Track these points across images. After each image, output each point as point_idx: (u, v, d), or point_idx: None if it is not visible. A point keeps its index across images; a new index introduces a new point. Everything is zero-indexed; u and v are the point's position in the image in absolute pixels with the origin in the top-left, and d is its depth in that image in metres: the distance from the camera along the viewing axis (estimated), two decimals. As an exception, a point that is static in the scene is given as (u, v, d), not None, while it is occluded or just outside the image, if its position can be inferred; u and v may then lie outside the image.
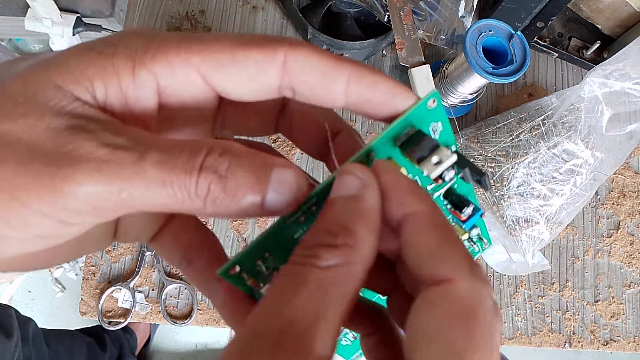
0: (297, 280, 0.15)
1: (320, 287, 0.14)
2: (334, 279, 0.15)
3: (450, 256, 0.15)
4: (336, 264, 0.15)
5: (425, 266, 0.15)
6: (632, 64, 0.47)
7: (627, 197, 0.62)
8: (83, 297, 0.55)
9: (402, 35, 0.58)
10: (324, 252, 0.15)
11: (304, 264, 0.15)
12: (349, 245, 0.15)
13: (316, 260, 0.15)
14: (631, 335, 0.59)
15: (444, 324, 0.14)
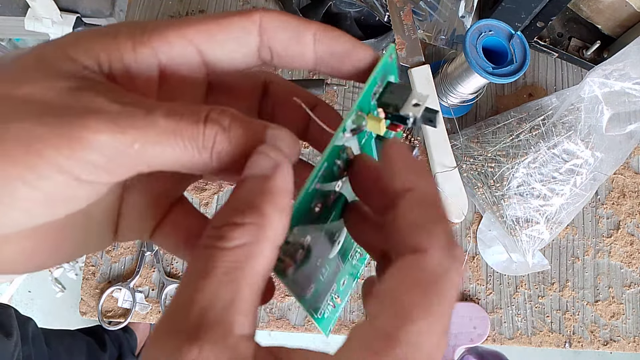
0: (205, 264, 0.15)
1: (229, 269, 0.15)
2: (242, 259, 0.15)
3: (431, 230, 0.16)
4: (243, 243, 0.15)
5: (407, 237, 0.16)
6: (632, 64, 0.47)
7: (627, 197, 0.62)
8: (83, 297, 0.55)
9: (402, 35, 0.58)
10: (230, 231, 0.15)
11: (210, 246, 0.15)
12: (255, 224, 0.15)
13: (223, 241, 0.15)
14: (631, 335, 0.59)
15: (405, 288, 0.15)
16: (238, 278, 0.15)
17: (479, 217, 0.59)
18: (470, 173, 0.57)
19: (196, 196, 0.58)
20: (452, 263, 0.15)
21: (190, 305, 0.14)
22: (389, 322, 0.15)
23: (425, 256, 0.15)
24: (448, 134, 0.57)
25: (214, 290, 0.14)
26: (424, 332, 0.14)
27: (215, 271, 0.15)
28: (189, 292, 0.15)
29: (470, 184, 0.58)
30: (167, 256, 0.56)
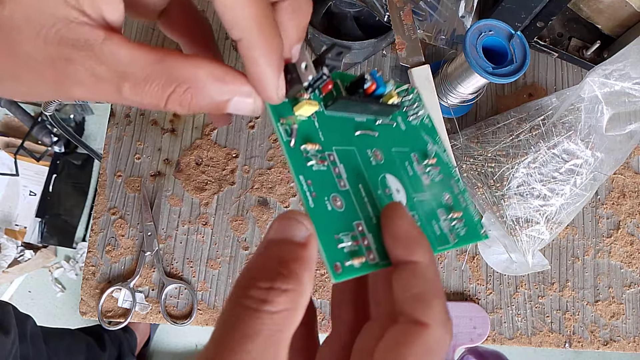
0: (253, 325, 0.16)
1: (274, 332, 0.16)
2: (284, 323, 0.16)
3: (433, 306, 0.18)
4: (285, 309, 0.17)
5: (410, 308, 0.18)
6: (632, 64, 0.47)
7: (627, 197, 0.62)
8: (83, 297, 0.55)
9: (402, 35, 0.57)
10: (277, 296, 0.17)
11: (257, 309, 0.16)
12: (295, 291, 0.17)
13: (269, 305, 0.16)
14: (631, 335, 0.59)
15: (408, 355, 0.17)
16: (280, 340, 0.16)
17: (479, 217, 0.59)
18: (470, 173, 0.57)
19: (196, 196, 0.58)
20: (447, 339, 0.18)
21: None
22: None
23: (428, 331, 0.17)
24: (448, 134, 0.57)
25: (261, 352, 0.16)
26: None
27: (263, 334, 0.16)
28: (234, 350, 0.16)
29: (470, 184, 0.58)
30: (167, 256, 0.57)
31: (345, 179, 0.22)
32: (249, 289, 0.17)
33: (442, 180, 0.26)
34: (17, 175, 1.25)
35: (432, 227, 0.24)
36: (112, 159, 0.59)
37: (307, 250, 0.18)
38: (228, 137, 0.60)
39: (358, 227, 0.21)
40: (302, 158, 0.21)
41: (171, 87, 0.18)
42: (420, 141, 0.27)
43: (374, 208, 0.22)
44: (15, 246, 1.22)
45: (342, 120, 0.24)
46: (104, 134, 0.60)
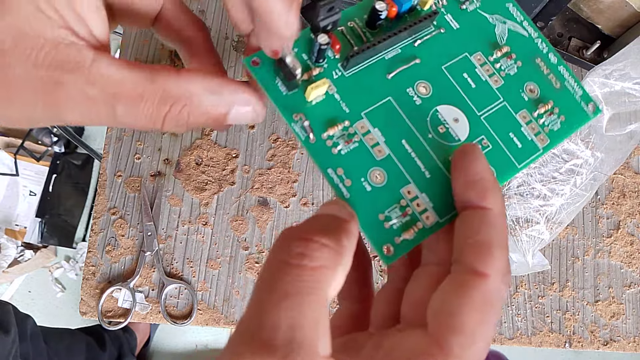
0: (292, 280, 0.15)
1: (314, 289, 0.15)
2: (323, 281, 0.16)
3: (495, 256, 0.17)
4: (324, 265, 0.16)
5: (471, 256, 0.17)
6: (632, 64, 0.47)
7: (627, 197, 0.62)
8: (83, 297, 0.55)
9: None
10: (313, 250, 0.16)
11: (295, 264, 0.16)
12: (333, 249, 0.16)
13: (307, 259, 0.16)
14: (631, 335, 0.59)
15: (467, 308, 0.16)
16: (321, 299, 0.15)
17: (479, 217, 0.59)
18: (470, 173, 0.57)
19: (196, 196, 0.58)
20: (505, 290, 0.17)
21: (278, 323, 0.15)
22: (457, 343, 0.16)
23: (488, 281, 0.17)
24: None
25: (300, 310, 0.15)
26: (481, 351, 0.16)
27: (299, 289, 0.15)
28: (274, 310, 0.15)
29: (470, 184, 0.58)
30: (167, 256, 0.57)
31: (384, 143, 0.20)
32: (289, 243, 0.16)
33: (522, 67, 0.22)
34: (17, 175, 1.25)
35: (511, 140, 0.21)
36: (112, 159, 0.59)
37: (349, 224, 0.18)
38: (228, 137, 0.60)
39: (407, 193, 0.19)
40: (326, 149, 0.20)
41: (166, 106, 0.17)
42: (484, 28, 0.22)
43: (426, 160, 0.20)
44: (15, 246, 1.22)
45: (369, 71, 0.21)
46: (104, 134, 0.60)
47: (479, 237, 0.17)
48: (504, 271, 0.17)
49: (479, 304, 0.16)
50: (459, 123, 0.21)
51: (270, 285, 0.15)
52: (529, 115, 0.21)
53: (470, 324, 0.16)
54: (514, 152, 0.21)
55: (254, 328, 0.15)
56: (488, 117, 0.21)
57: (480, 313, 0.16)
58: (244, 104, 0.19)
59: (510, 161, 0.21)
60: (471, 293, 0.17)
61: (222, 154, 0.59)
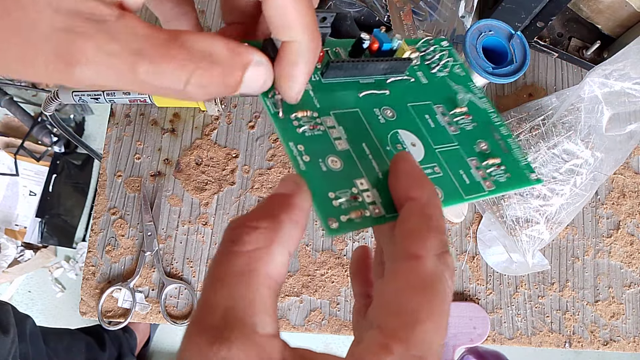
0: (223, 268, 0.16)
1: (244, 271, 0.16)
2: (255, 262, 0.16)
3: (426, 238, 0.18)
4: (256, 248, 0.16)
5: (404, 243, 0.18)
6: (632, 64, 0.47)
7: (627, 197, 0.62)
8: (83, 297, 0.55)
9: (402, 35, 0.57)
10: (244, 234, 0.16)
11: (226, 251, 0.16)
12: (268, 228, 0.17)
13: (236, 245, 0.16)
14: (631, 335, 0.59)
15: (407, 292, 0.17)
16: (254, 280, 0.16)
17: (479, 217, 0.59)
18: (470, 173, 0.57)
19: (196, 196, 0.58)
20: (445, 270, 0.17)
21: (214, 306, 0.15)
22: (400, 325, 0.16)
23: (421, 262, 0.17)
24: (448, 134, 0.57)
25: (232, 292, 0.16)
26: (431, 331, 0.16)
27: (231, 273, 0.16)
28: (211, 294, 0.16)
29: (470, 184, 0.58)
30: (167, 256, 0.56)
31: (345, 140, 0.22)
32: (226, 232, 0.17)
33: (477, 128, 0.25)
34: (17, 175, 1.25)
35: (460, 176, 0.23)
36: (112, 159, 0.59)
37: (291, 198, 0.18)
38: (228, 137, 0.60)
39: (360, 184, 0.21)
40: (291, 126, 0.21)
41: (193, 62, 0.16)
42: (447, 91, 0.26)
43: (382, 164, 0.22)
44: (15, 246, 1.22)
45: (344, 85, 0.23)
46: (104, 134, 0.60)
47: (409, 224, 0.18)
48: (438, 251, 0.17)
49: (415, 284, 0.17)
50: (415, 147, 0.23)
51: (210, 274, 0.16)
52: (479, 163, 0.24)
53: (409, 305, 0.16)
54: (462, 185, 0.23)
55: (196, 312, 0.16)
56: (442, 152, 0.23)
57: (419, 293, 0.16)
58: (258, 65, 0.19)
59: (458, 191, 0.23)
60: (406, 276, 0.17)
61: (222, 154, 0.59)
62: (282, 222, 0.17)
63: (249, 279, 0.16)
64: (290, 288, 0.56)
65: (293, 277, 0.57)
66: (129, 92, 0.53)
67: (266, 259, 0.16)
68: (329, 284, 0.57)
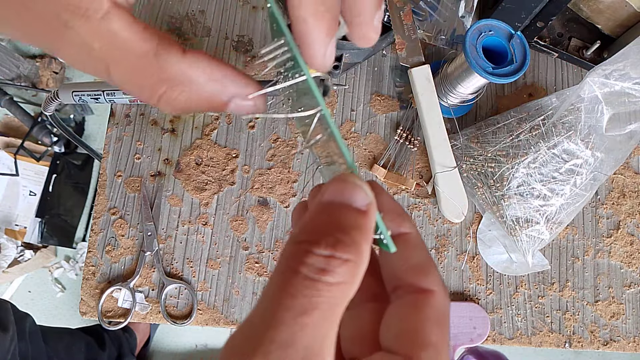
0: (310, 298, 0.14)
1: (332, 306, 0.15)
2: (340, 298, 0.15)
3: (432, 272, 0.18)
4: (344, 281, 0.15)
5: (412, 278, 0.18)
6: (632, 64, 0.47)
7: (627, 197, 0.62)
8: (83, 297, 0.55)
9: (402, 35, 0.57)
10: (337, 267, 0.15)
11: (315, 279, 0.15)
12: (354, 262, 0.15)
13: (329, 275, 0.15)
14: (631, 335, 0.59)
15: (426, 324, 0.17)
16: (336, 315, 0.15)
17: (479, 217, 0.59)
18: (470, 173, 0.57)
19: (196, 196, 0.58)
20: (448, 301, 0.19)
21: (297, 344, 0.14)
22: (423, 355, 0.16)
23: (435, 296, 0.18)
24: (448, 134, 0.57)
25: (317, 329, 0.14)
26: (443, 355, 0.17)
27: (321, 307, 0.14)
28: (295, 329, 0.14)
29: (470, 184, 0.58)
30: (167, 256, 0.56)
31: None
32: (307, 255, 0.15)
33: None
34: (17, 175, 1.25)
35: None
36: (112, 159, 0.59)
37: (368, 219, 0.16)
38: (228, 137, 0.60)
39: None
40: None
41: (162, 87, 0.16)
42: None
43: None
44: (15, 246, 1.22)
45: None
46: (104, 134, 0.60)
47: (414, 260, 0.19)
48: (443, 285, 0.18)
49: (435, 318, 0.17)
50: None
51: (283, 296, 0.14)
52: None
53: (433, 338, 0.17)
54: None
55: (258, 340, 0.14)
56: None
57: (438, 326, 0.17)
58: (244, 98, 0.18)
59: None
60: (426, 309, 0.17)
61: (222, 154, 0.59)
62: (363, 255, 0.16)
63: (334, 315, 0.15)
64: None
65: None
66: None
67: (348, 294, 0.15)
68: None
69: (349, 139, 0.60)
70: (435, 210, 0.59)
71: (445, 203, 0.56)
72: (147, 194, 0.57)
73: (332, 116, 0.61)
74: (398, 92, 0.62)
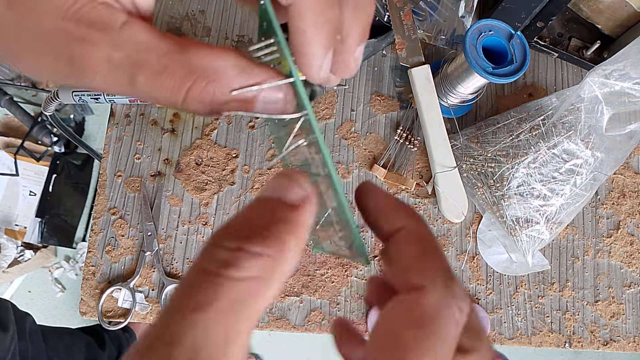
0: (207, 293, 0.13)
1: (233, 306, 0.13)
2: (248, 294, 0.13)
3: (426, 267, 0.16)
4: (255, 276, 0.13)
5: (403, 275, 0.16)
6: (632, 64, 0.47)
7: (627, 197, 0.62)
8: (83, 297, 0.55)
9: (402, 35, 0.57)
10: (244, 260, 0.13)
11: (218, 273, 0.13)
12: (273, 257, 0.14)
13: (233, 269, 0.13)
14: (631, 335, 0.59)
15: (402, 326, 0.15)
16: (242, 315, 0.13)
17: (479, 217, 0.59)
18: (470, 173, 0.57)
19: (196, 196, 0.58)
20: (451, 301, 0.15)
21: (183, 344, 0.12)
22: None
23: (423, 294, 0.15)
24: (448, 134, 0.57)
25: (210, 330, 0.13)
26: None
27: (217, 304, 0.13)
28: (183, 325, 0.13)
29: (470, 184, 0.58)
30: (167, 256, 0.56)
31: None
32: (216, 249, 0.14)
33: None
34: (17, 175, 1.25)
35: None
36: (112, 159, 0.59)
37: (299, 214, 0.15)
38: (228, 137, 0.60)
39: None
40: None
41: (190, 79, 0.16)
42: None
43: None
44: (15, 246, 1.22)
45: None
46: (104, 134, 0.60)
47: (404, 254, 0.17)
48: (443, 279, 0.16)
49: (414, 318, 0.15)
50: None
51: (184, 293, 0.13)
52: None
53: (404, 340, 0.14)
54: None
55: (154, 338, 0.13)
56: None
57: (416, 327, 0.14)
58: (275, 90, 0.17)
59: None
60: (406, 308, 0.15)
61: (222, 154, 0.59)
62: (288, 250, 0.14)
63: (237, 314, 0.13)
64: (290, 288, 0.56)
65: (293, 277, 0.57)
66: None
67: (261, 293, 0.13)
68: (329, 284, 0.57)
69: (349, 139, 0.60)
70: (435, 210, 0.59)
71: (445, 203, 0.56)
72: (147, 194, 0.57)
73: (331, 117, 0.61)
74: (398, 92, 0.62)
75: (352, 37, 0.18)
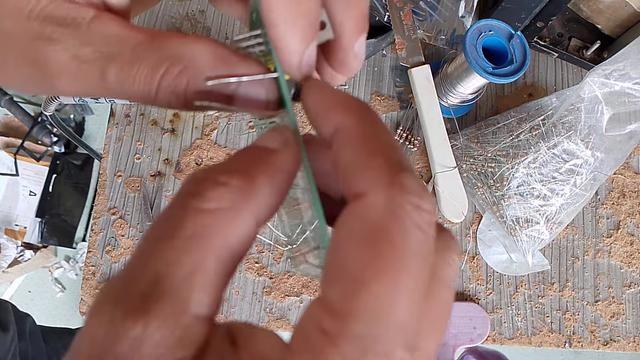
0: (171, 224, 0.12)
1: (197, 234, 0.12)
2: (214, 225, 0.12)
3: (366, 168, 0.13)
4: (220, 207, 0.13)
5: (345, 182, 0.13)
6: (632, 64, 0.47)
7: (627, 197, 0.62)
8: (83, 297, 0.55)
9: (402, 35, 0.57)
10: (209, 190, 0.13)
11: (182, 205, 0.13)
12: (240, 188, 0.13)
13: (197, 200, 0.13)
14: (631, 335, 0.59)
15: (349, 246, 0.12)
16: (206, 246, 0.12)
17: (479, 217, 0.59)
18: (470, 173, 0.57)
19: (196, 196, 0.58)
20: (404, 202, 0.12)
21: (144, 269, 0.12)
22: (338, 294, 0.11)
23: (365, 200, 0.12)
24: (448, 134, 0.57)
25: (175, 256, 0.12)
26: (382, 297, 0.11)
27: (180, 233, 0.12)
28: (145, 255, 0.12)
29: (470, 184, 0.58)
30: (167, 256, 0.57)
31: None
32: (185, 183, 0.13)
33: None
34: (17, 175, 1.25)
35: None
36: (112, 159, 0.59)
37: (275, 156, 0.14)
38: (228, 137, 0.60)
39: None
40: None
41: (163, 66, 0.15)
42: None
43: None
44: (15, 246, 1.22)
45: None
46: (104, 134, 0.60)
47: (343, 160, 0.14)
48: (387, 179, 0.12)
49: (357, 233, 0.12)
50: None
51: (151, 230, 0.13)
52: None
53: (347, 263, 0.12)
54: None
55: (119, 275, 0.12)
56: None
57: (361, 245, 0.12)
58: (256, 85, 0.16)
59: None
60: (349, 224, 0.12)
61: (222, 154, 0.59)
62: (258, 185, 0.13)
63: (201, 244, 0.12)
64: (290, 288, 0.56)
65: (293, 277, 0.57)
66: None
67: (229, 224, 0.13)
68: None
69: (349, 139, 0.60)
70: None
71: (445, 203, 0.56)
72: (147, 194, 0.57)
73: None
74: (398, 92, 0.62)
75: (347, 33, 0.17)
